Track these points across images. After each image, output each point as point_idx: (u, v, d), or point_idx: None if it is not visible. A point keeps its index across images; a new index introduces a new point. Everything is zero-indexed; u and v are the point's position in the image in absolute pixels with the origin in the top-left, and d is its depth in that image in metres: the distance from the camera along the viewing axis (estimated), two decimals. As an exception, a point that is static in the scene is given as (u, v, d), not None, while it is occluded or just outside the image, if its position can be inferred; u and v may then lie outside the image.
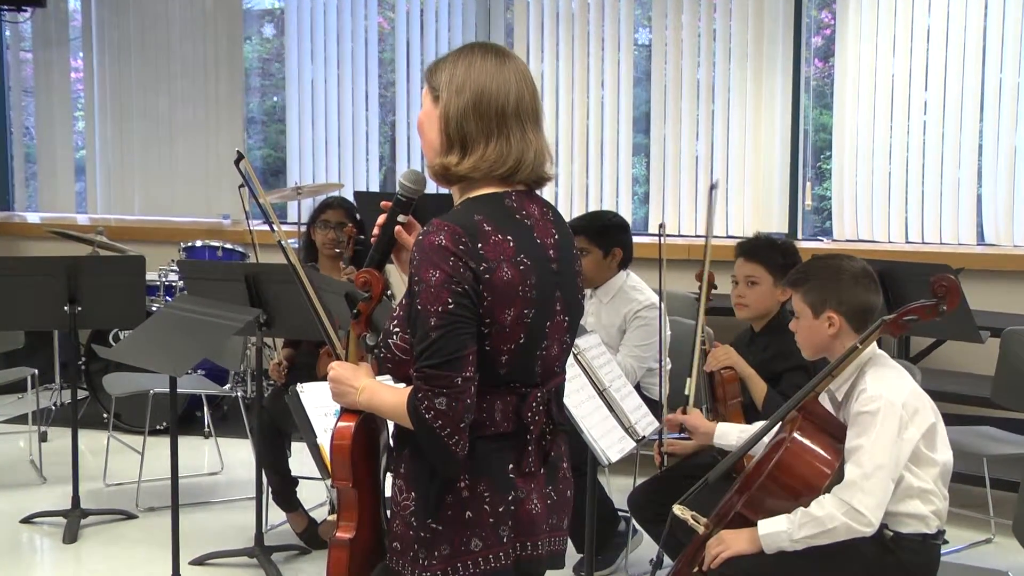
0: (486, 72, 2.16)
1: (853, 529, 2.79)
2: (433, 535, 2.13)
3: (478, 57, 2.18)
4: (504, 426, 2.14)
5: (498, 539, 2.14)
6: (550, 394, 2.22)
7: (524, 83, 2.18)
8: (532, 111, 2.19)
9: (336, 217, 4.70)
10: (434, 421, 2.03)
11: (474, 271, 2.05)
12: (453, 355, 2.03)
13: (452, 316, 2.03)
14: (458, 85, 2.16)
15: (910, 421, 2.86)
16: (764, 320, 3.67)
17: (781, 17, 6.46)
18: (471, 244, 2.06)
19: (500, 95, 2.15)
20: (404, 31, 7.24)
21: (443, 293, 2.03)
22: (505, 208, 2.15)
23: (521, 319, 2.10)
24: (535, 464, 2.19)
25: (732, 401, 3.52)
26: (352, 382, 2.21)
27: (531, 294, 2.11)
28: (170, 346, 3.96)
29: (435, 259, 2.04)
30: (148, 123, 7.76)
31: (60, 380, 6.47)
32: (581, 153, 6.86)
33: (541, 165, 2.20)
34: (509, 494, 2.15)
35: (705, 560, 2.93)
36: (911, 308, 2.89)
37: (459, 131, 2.15)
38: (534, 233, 2.17)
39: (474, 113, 2.14)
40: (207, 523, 4.83)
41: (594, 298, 4.37)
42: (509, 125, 2.15)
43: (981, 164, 6.17)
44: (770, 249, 3.68)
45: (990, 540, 4.62)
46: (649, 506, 3.72)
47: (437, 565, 2.12)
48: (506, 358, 2.11)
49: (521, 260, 2.11)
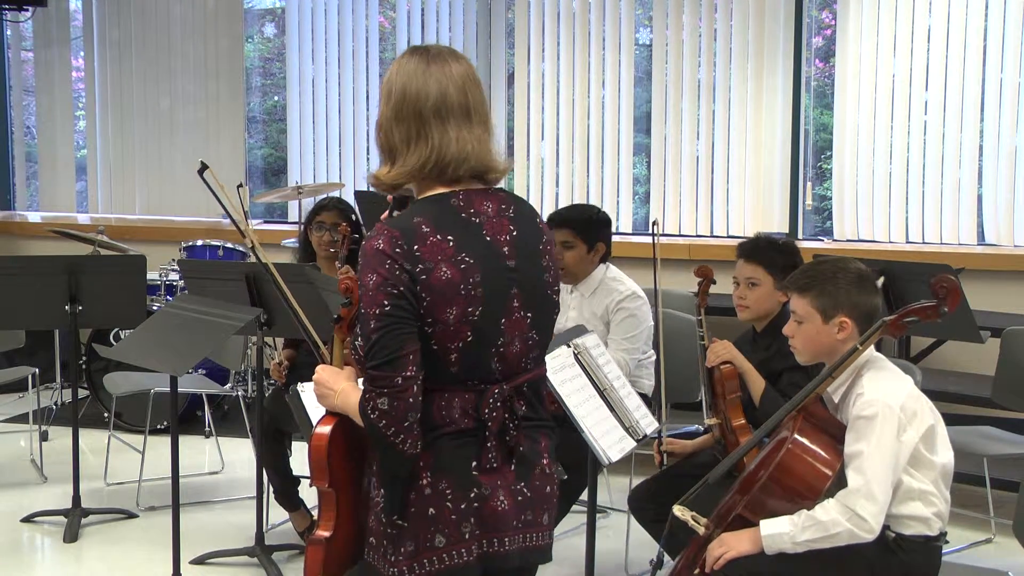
0: (407, 75, 2.20)
1: (856, 535, 2.79)
2: (399, 531, 2.17)
3: (404, 62, 2.23)
4: (464, 423, 2.17)
5: (460, 535, 2.18)
6: (514, 390, 2.23)
7: (450, 81, 2.19)
8: (459, 107, 2.19)
9: (331, 218, 4.70)
10: (378, 421, 2.08)
11: (410, 272, 2.09)
12: (392, 355, 2.07)
13: (389, 317, 2.07)
14: (385, 94, 2.22)
15: (908, 424, 2.86)
16: (766, 320, 3.67)
17: (782, 17, 6.46)
18: (407, 246, 2.10)
19: (419, 97, 2.18)
20: (405, 31, 7.24)
21: (379, 295, 2.08)
22: (450, 208, 2.18)
23: (466, 317, 2.13)
24: (497, 459, 2.21)
25: (731, 396, 3.52)
26: (331, 384, 2.25)
27: (475, 292, 2.14)
28: (171, 345, 3.97)
29: (373, 263, 2.10)
30: (149, 122, 7.76)
31: (61, 379, 6.47)
32: (581, 153, 6.86)
33: (481, 159, 2.21)
34: (471, 491, 2.18)
35: (707, 562, 2.92)
36: (912, 309, 2.89)
37: (387, 140, 2.22)
38: (483, 231, 2.19)
39: (395, 119, 2.19)
40: (208, 522, 4.83)
41: (575, 292, 4.35)
42: (428, 125, 2.18)
43: (982, 164, 6.17)
44: (770, 250, 3.68)
45: (990, 540, 4.62)
46: (649, 505, 3.72)
47: (403, 561, 2.17)
48: (455, 356, 2.14)
49: (463, 259, 2.14)
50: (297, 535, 4.55)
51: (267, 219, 7.78)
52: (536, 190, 7.02)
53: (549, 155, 6.98)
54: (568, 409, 3.31)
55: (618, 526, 4.49)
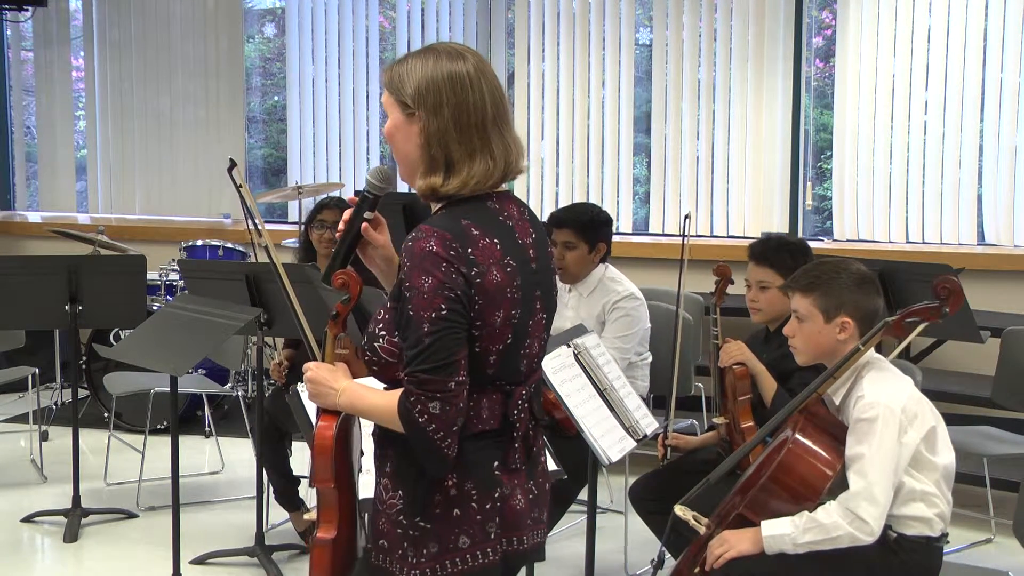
0: (459, 82, 2.13)
1: (857, 538, 2.80)
2: (422, 533, 2.15)
3: (444, 62, 2.14)
4: (490, 424, 2.17)
5: (486, 535, 2.17)
6: (531, 390, 2.25)
7: (494, 83, 2.17)
8: (505, 110, 2.18)
9: (331, 217, 4.70)
10: (427, 425, 2.05)
11: (465, 276, 2.06)
12: (447, 360, 2.04)
13: (445, 321, 2.04)
14: (435, 101, 2.12)
15: (909, 425, 2.86)
16: (779, 320, 3.66)
17: (782, 17, 6.46)
18: (462, 249, 2.07)
19: (479, 108, 2.13)
20: (405, 31, 7.24)
21: (436, 299, 2.04)
22: (489, 211, 2.17)
23: (509, 320, 2.13)
24: (521, 460, 2.22)
25: (742, 398, 3.53)
26: (331, 383, 2.21)
27: (517, 295, 2.14)
28: (171, 345, 3.97)
29: (427, 265, 2.05)
30: (149, 122, 7.76)
31: (61, 379, 6.47)
32: (581, 153, 6.86)
33: (518, 163, 2.21)
34: (495, 491, 2.18)
35: (708, 560, 2.93)
36: (914, 310, 2.89)
37: (442, 151, 2.13)
38: (516, 234, 2.19)
39: (456, 131, 2.12)
40: (208, 522, 4.83)
41: (574, 292, 4.35)
42: (491, 137, 2.15)
43: (982, 164, 6.17)
44: (780, 251, 3.67)
45: (990, 540, 4.63)
46: (650, 498, 3.73)
47: (426, 563, 2.14)
48: (494, 358, 2.13)
49: (508, 262, 2.13)
50: (297, 535, 4.55)
51: (267, 219, 7.77)
52: (536, 190, 7.02)
53: (549, 155, 6.98)
54: (568, 409, 3.31)
55: (618, 526, 4.49)
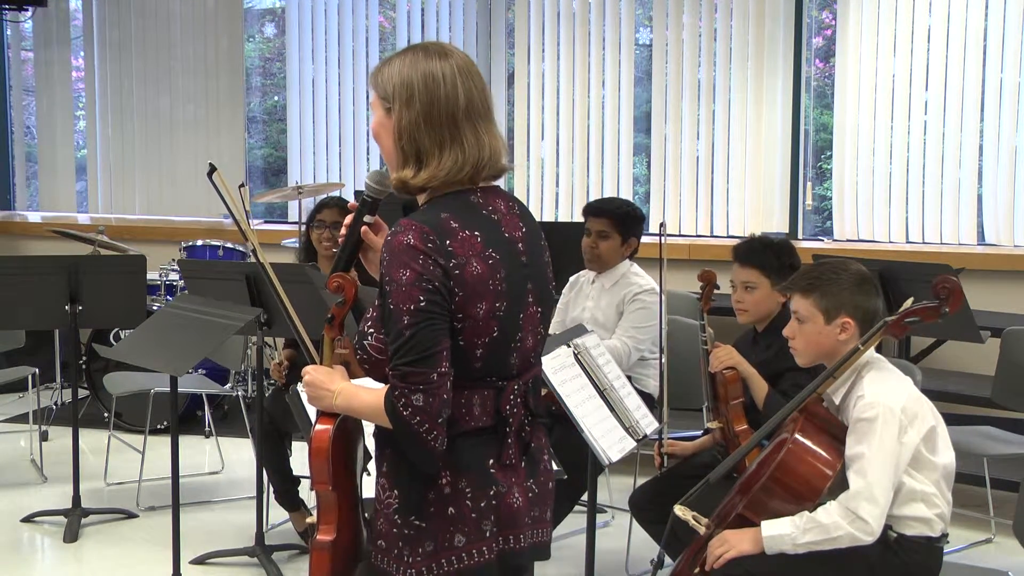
0: (432, 77, 2.15)
1: (857, 538, 2.80)
2: (417, 532, 2.15)
3: (421, 61, 2.17)
4: (483, 420, 2.17)
5: (481, 534, 2.17)
6: (527, 386, 2.24)
7: (472, 80, 2.18)
8: (482, 107, 2.18)
9: (332, 217, 4.70)
10: (412, 417, 2.06)
11: (444, 267, 2.08)
12: (427, 351, 2.05)
13: (424, 313, 2.05)
14: (408, 95, 2.15)
15: (909, 425, 2.86)
16: (766, 321, 3.67)
17: (782, 17, 6.45)
18: (439, 241, 2.08)
19: (450, 101, 2.14)
20: (405, 30, 7.24)
21: (414, 291, 2.06)
22: (471, 204, 2.18)
23: (493, 313, 2.13)
24: (515, 457, 2.21)
25: (734, 402, 3.52)
26: (328, 385, 2.22)
27: (501, 287, 2.14)
28: (171, 345, 3.97)
29: (404, 258, 2.07)
30: (149, 122, 7.77)
31: (61, 379, 6.47)
32: (581, 153, 6.86)
33: (497, 160, 2.21)
34: (490, 488, 2.18)
35: (708, 560, 2.93)
36: (913, 309, 2.89)
37: (412, 144, 2.16)
38: (502, 227, 2.19)
39: (425, 124, 2.14)
40: (208, 522, 4.83)
41: (597, 283, 4.52)
42: (462, 130, 2.15)
43: (981, 164, 6.17)
44: (764, 252, 3.66)
45: (990, 540, 4.63)
46: (650, 506, 3.72)
47: (421, 562, 2.15)
48: (480, 352, 2.13)
49: (490, 254, 2.13)
50: (297, 535, 4.55)
51: (267, 219, 7.78)
52: (536, 190, 7.02)
53: (549, 155, 6.98)
54: (568, 409, 3.31)
55: (618, 526, 4.49)
